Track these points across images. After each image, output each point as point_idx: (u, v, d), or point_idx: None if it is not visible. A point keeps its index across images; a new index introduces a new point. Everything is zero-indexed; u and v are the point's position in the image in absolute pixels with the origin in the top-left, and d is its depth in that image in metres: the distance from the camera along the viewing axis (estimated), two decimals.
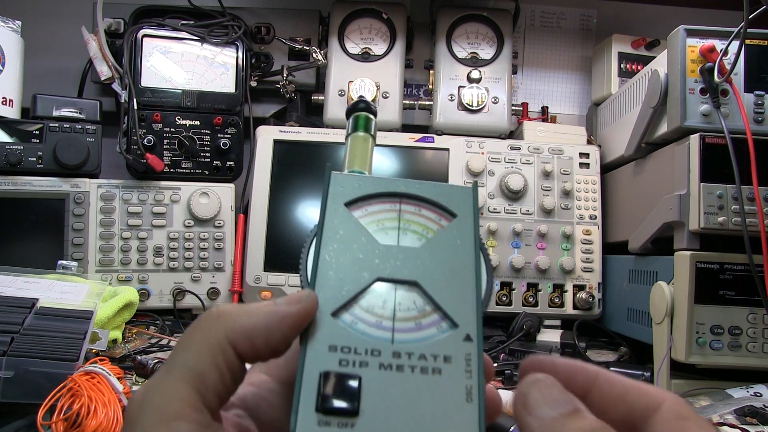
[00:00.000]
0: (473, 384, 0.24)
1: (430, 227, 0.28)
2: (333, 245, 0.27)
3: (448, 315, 0.25)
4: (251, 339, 0.24)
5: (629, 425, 0.23)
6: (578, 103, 1.40)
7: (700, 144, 0.82)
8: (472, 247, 0.28)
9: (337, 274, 0.26)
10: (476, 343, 0.25)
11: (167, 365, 0.23)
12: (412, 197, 0.29)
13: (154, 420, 0.22)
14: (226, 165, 1.12)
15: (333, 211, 0.28)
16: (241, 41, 1.14)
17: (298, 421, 0.22)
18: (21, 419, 0.57)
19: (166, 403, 0.22)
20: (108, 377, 0.59)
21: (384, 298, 0.26)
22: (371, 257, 0.27)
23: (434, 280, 0.26)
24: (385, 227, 0.28)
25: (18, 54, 1.07)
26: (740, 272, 0.80)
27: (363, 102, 0.34)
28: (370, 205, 0.28)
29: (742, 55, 0.83)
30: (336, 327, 0.24)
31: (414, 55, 1.29)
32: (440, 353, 0.24)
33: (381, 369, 0.24)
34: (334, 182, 0.29)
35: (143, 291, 1.03)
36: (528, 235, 1.09)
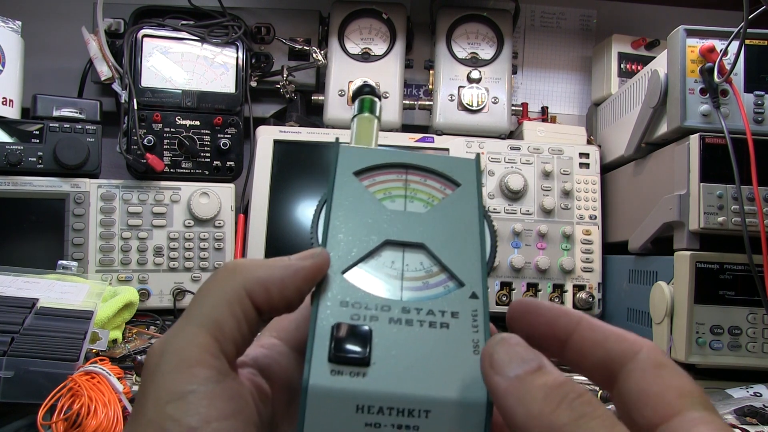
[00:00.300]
0: (480, 338, 0.24)
1: (435, 195, 0.29)
2: (342, 210, 0.28)
3: (455, 275, 0.26)
4: (267, 290, 0.25)
5: (608, 371, 0.23)
6: (578, 103, 1.40)
7: (700, 144, 0.82)
8: (476, 212, 0.29)
9: (346, 236, 0.27)
10: (482, 301, 0.26)
11: (186, 315, 0.24)
12: (418, 168, 0.30)
13: (174, 366, 0.23)
14: (226, 165, 1.12)
15: (342, 180, 0.29)
16: (241, 41, 1.14)
17: (311, 370, 0.22)
18: (21, 419, 0.57)
19: (185, 349, 0.23)
20: (108, 377, 0.59)
21: (392, 258, 0.27)
22: (379, 221, 0.28)
23: (440, 243, 0.27)
24: (392, 195, 0.29)
25: (18, 54, 1.07)
26: (740, 272, 0.80)
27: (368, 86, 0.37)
28: (378, 175, 0.29)
29: (742, 55, 0.84)
30: (347, 284, 0.25)
31: (414, 55, 1.30)
32: (448, 309, 0.25)
33: (391, 323, 0.24)
34: (342, 153, 0.30)
35: (143, 291, 1.03)
36: (528, 235, 1.09)
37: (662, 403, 0.22)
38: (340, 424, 0.22)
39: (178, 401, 0.22)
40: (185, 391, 0.22)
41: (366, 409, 0.22)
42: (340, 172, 0.29)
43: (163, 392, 0.22)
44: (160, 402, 0.22)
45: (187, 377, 0.22)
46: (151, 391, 0.23)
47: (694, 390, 0.22)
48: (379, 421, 0.22)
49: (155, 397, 0.22)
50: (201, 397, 0.22)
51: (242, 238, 1.10)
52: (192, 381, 0.22)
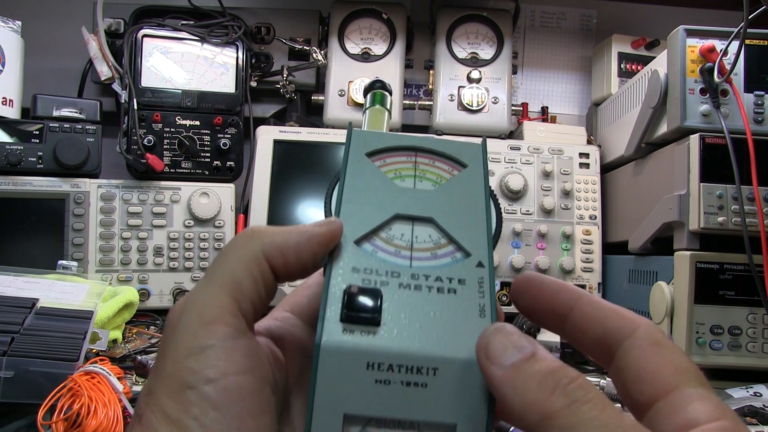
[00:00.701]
0: (486, 303, 0.25)
1: (443, 176, 0.30)
2: (354, 187, 0.29)
3: (462, 246, 0.27)
4: (283, 254, 0.26)
5: (606, 348, 0.24)
6: (578, 103, 1.40)
7: (699, 144, 0.82)
8: (482, 190, 0.30)
9: (358, 210, 0.28)
10: (488, 269, 0.27)
11: (206, 277, 0.25)
12: (427, 150, 0.31)
13: (194, 322, 0.24)
14: (226, 165, 1.12)
15: (354, 160, 0.30)
16: (241, 41, 1.14)
17: (324, 329, 0.23)
18: (21, 419, 0.57)
19: (205, 308, 0.24)
20: (108, 377, 0.59)
21: (402, 231, 0.28)
22: (390, 197, 0.29)
23: (448, 217, 0.28)
24: (402, 175, 0.30)
25: (18, 54, 1.07)
26: (740, 272, 0.80)
27: (379, 81, 0.38)
28: (388, 157, 0.31)
29: (741, 56, 0.84)
30: (358, 252, 0.27)
31: (414, 55, 1.30)
32: (455, 276, 0.26)
33: (400, 288, 0.25)
34: (355, 137, 0.31)
35: (143, 291, 1.03)
36: (528, 235, 1.09)
37: (659, 379, 0.22)
38: (352, 380, 0.23)
39: (197, 355, 0.23)
40: (204, 346, 0.23)
41: (376, 366, 0.23)
42: (353, 153, 0.30)
43: (183, 347, 0.23)
44: (180, 356, 0.23)
45: (207, 333, 0.23)
46: (172, 347, 0.24)
47: (690, 367, 0.22)
48: (389, 378, 0.23)
49: (175, 352, 0.24)
50: (219, 351, 0.23)
51: None
52: (211, 336, 0.23)
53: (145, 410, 0.24)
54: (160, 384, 0.23)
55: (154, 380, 0.24)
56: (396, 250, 0.27)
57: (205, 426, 0.22)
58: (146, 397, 0.24)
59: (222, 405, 0.23)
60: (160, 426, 0.23)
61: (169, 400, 0.23)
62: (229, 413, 0.23)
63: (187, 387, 0.23)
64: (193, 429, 0.22)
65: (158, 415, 0.23)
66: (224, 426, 0.22)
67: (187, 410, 0.22)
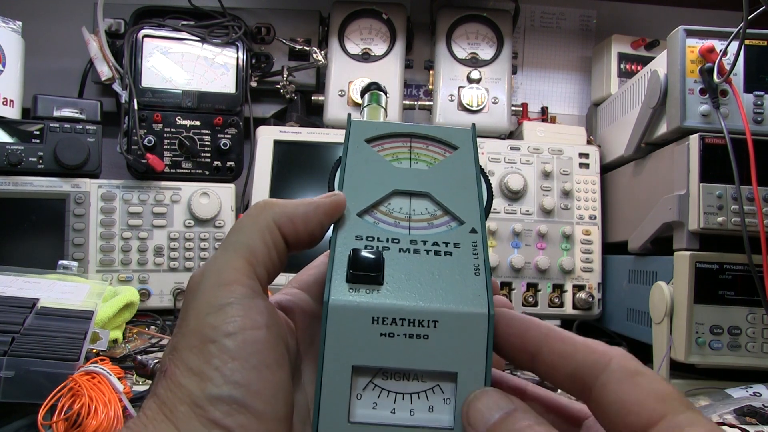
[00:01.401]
0: (480, 263, 0.27)
1: (437, 158, 0.33)
2: (355, 168, 0.31)
3: (456, 215, 0.30)
4: (293, 222, 0.28)
5: (581, 383, 0.24)
6: (578, 103, 1.40)
7: (699, 144, 0.82)
8: (473, 168, 0.32)
9: (359, 186, 0.31)
10: (481, 235, 0.29)
11: (223, 245, 0.28)
12: (421, 136, 0.34)
13: (214, 285, 0.26)
14: (226, 165, 1.12)
15: (354, 146, 0.33)
16: (241, 41, 1.14)
17: (331, 289, 0.25)
18: (21, 419, 0.57)
19: (223, 271, 0.26)
20: (108, 377, 0.60)
21: (400, 205, 0.30)
22: (388, 176, 0.31)
23: (442, 191, 0.31)
24: (398, 158, 0.32)
25: (18, 54, 1.07)
26: (740, 272, 0.80)
27: (375, 83, 0.42)
28: (386, 143, 0.33)
29: (741, 56, 0.84)
30: (361, 223, 0.29)
31: (414, 56, 1.30)
32: (451, 241, 0.28)
33: (400, 252, 0.28)
34: (354, 126, 0.34)
35: (144, 291, 1.03)
36: (528, 235, 1.09)
37: (644, 409, 0.22)
38: (358, 334, 0.25)
39: (217, 312, 0.25)
40: (223, 303, 0.25)
41: (380, 321, 0.25)
42: (353, 139, 0.33)
43: (203, 305, 0.25)
44: (201, 314, 0.25)
45: (225, 292, 0.25)
46: (193, 306, 0.26)
47: (673, 392, 0.22)
48: (393, 331, 0.25)
49: (196, 311, 0.26)
50: (237, 308, 0.25)
51: None
52: (229, 295, 0.25)
53: (169, 365, 0.25)
54: (183, 340, 0.25)
55: (178, 337, 0.26)
56: (395, 222, 0.29)
57: (225, 375, 0.24)
58: (170, 353, 0.26)
59: (241, 356, 0.24)
60: (183, 377, 0.24)
61: (191, 353, 0.25)
62: (247, 364, 0.24)
63: (208, 341, 0.24)
64: (214, 378, 0.24)
65: (181, 368, 0.25)
66: (243, 375, 0.24)
67: (208, 362, 0.24)
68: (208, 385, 0.24)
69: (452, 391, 0.25)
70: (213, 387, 0.24)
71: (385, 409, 0.25)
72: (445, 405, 0.25)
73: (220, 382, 0.24)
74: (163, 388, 0.25)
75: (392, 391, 0.25)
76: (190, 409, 0.24)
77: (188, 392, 0.24)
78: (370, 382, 0.25)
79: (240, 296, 0.25)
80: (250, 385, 0.24)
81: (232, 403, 0.24)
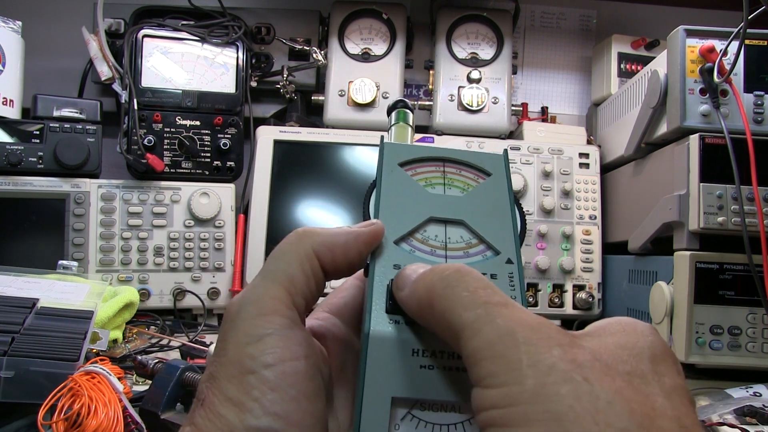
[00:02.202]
0: (517, 294, 0.28)
1: (470, 183, 0.33)
2: (390, 193, 0.31)
3: (492, 245, 0.30)
4: (333, 252, 0.28)
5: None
6: (578, 103, 1.40)
7: (699, 144, 0.82)
8: (507, 195, 0.32)
9: (395, 214, 0.30)
10: (517, 266, 0.29)
11: (262, 272, 0.28)
12: (454, 161, 0.34)
13: (253, 314, 0.26)
14: (226, 165, 1.12)
15: (389, 170, 0.32)
16: (241, 41, 1.14)
17: (372, 320, 0.26)
18: (21, 419, 0.57)
19: (262, 300, 0.26)
20: (108, 377, 0.59)
21: (436, 233, 0.30)
22: (423, 202, 0.31)
23: (477, 220, 0.31)
24: (432, 183, 0.32)
25: (18, 54, 1.07)
26: (740, 272, 0.80)
27: (402, 101, 0.42)
28: (419, 167, 0.33)
29: (741, 56, 0.84)
30: (398, 251, 0.29)
31: (414, 55, 1.30)
32: (487, 271, 0.28)
33: None
34: (387, 149, 0.34)
35: (144, 291, 1.03)
36: (528, 235, 1.09)
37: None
38: (398, 366, 0.25)
39: (256, 342, 0.25)
40: (262, 334, 0.25)
41: (421, 353, 0.25)
42: (387, 163, 0.33)
43: (242, 335, 0.25)
44: (240, 344, 0.25)
45: (264, 323, 0.25)
46: (232, 336, 0.26)
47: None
48: (432, 363, 0.25)
49: (235, 340, 0.26)
50: (276, 339, 0.25)
51: (242, 238, 1.10)
52: (268, 326, 0.25)
53: (207, 394, 0.25)
54: (222, 369, 0.25)
55: (216, 366, 0.26)
56: (432, 250, 0.29)
57: (264, 407, 0.24)
58: (208, 381, 0.26)
59: (280, 387, 0.24)
60: (222, 407, 0.24)
61: (230, 383, 0.25)
62: (287, 395, 0.24)
63: (248, 372, 0.25)
64: (254, 410, 0.24)
65: (220, 398, 0.25)
66: (283, 407, 0.24)
67: (248, 393, 0.24)
68: (247, 416, 0.24)
69: None
70: (252, 418, 0.24)
71: None
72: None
73: (260, 414, 0.24)
74: (201, 417, 0.25)
75: (430, 422, 0.25)
76: None
77: (227, 422, 0.24)
78: (408, 413, 0.25)
79: (279, 327, 0.26)
80: (289, 416, 0.24)
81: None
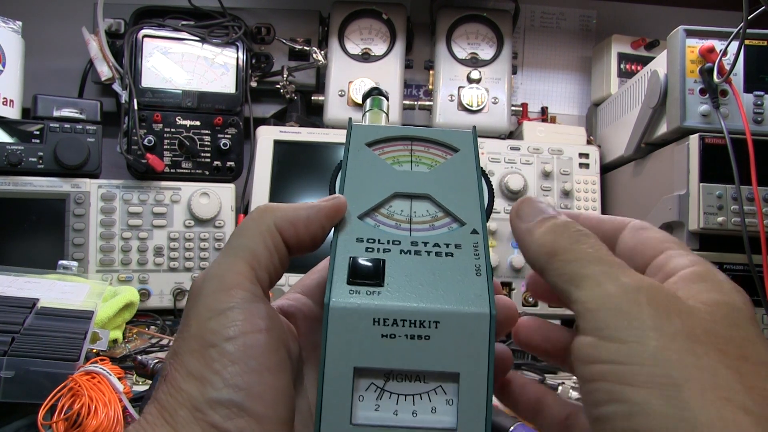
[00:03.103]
0: (481, 263, 0.27)
1: (438, 160, 0.33)
2: (356, 171, 0.31)
3: (457, 217, 0.30)
4: (295, 226, 0.28)
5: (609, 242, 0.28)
6: (578, 103, 1.40)
7: (699, 144, 0.82)
8: (474, 169, 0.32)
9: (360, 189, 0.30)
10: (482, 236, 0.29)
11: (225, 249, 0.28)
12: (422, 139, 0.34)
13: (215, 288, 0.26)
14: (226, 165, 1.12)
15: (355, 150, 0.32)
16: (241, 42, 1.14)
17: (332, 291, 0.25)
18: (22, 419, 0.57)
19: (225, 275, 0.26)
20: (108, 377, 0.60)
21: (401, 207, 0.30)
22: (389, 179, 0.31)
23: (443, 193, 0.31)
24: (399, 161, 0.32)
25: (18, 54, 1.07)
26: (740, 272, 0.80)
27: (377, 89, 0.42)
28: (387, 146, 0.33)
29: (741, 56, 0.84)
30: (362, 225, 0.29)
31: (414, 56, 1.30)
32: (452, 242, 0.28)
33: (401, 253, 0.27)
34: (355, 130, 0.34)
35: (144, 291, 1.03)
36: None
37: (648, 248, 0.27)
38: (359, 336, 0.25)
39: (218, 316, 0.25)
40: (224, 308, 0.25)
41: (381, 322, 0.25)
42: (354, 143, 0.33)
43: (204, 310, 0.25)
44: (203, 318, 0.25)
45: (226, 297, 0.25)
46: (194, 311, 0.26)
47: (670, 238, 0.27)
48: (394, 332, 0.25)
49: (198, 315, 0.26)
50: (238, 312, 0.25)
51: None
52: (230, 300, 0.25)
53: (170, 370, 0.25)
54: (184, 344, 0.25)
55: (179, 342, 0.26)
56: (396, 224, 0.29)
57: (225, 379, 0.24)
58: (171, 358, 0.26)
59: (241, 360, 0.24)
60: (183, 382, 0.24)
61: (192, 358, 0.25)
62: (247, 367, 0.24)
63: (209, 345, 0.25)
64: (215, 382, 0.24)
65: (182, 372, 0.25)
66: (244, 379, 0.24)
67: (209, 366, 0.24)
68: (208, 388, 0.24)
69: (455, 392, 0.25)
70: (213, 391, 0.24)
71: (388, 410, 0.25)
72: (447, 406, 0.25)
73: (221, 386, 0.24)
74: (163, 392, 0.25)
75: (394, 393, 0.25)
76: (190, 413, 0.24)
77: (188, 396, 0.24)
78: (372, 383, 0.25)
79: (241, 300, 0.25)
80: (250, 388, 0.24)
81: (232, 406, 0.24)
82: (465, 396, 0.25)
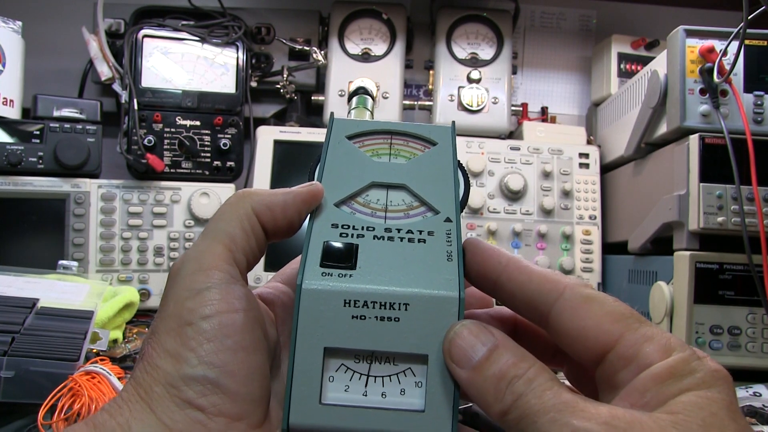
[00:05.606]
0: (453, 249, 0.28)
1: (416, 153, 0.33)
2: (335, 161, 0.32)
3: (432, 206, 0.30)
4: (272, 210, 0.29)
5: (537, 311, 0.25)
6: (578, 103, 1.40)
7: (699, 144, 0.82)
8: (451, 162, 0.33)
9: (338, 178, 0.31)
10: (455, 224, 0.29)
11: (204, 232, 0.28)
12: (401, 133, 0.34)
13: (194, 270, 0.26)
14: (226, 165, 1.12)
15: (335, 142, 0.33)
16: (241, 42, 1.14)
17: (304, 273, 0.26)
18: (21, 419, 0.57)
19: (202, 257, 0.27)
20: (108, 377, 0.60)
21: (378, 197, 0.31)
22: (367, 169, 0.32)
23: (420, 184, 0.31)
24: (378, 153, 0.33)
25: (18, 54, 1.07)
26: (740, 272, 0.80)
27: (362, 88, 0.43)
28: (367, 140, 0.34)
29: (741, 56, 0.84)
30: (338, 212, 0.30)
31: (414, 56, 1.30)
32: (425, 229, 0.29)
33: (375, 239, 0.28)
34: (336, 124, 0.34)
35: (144, 291, 1.03)
36: (528, 235, 1.09)
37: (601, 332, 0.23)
38: (330, 317, 0.25)
39: (195, 296, 0.26)
40: (201, 288, 0.26)
41: (352, 303, 0.25)
42: (334, 136, 0.33)
43: (182, 290, 0.26)
44: (180, 299, 0.26)
45: (204, 277, 0.26)
46: (172, 292, 0.27)
47: (627, 311, 0.23)
48: (364, 313, 0.25)
49: (175, 295, 0.26)
50: (215, 293, 0.26)
51: None
52: (208, 281, 0.26)
53: (147, 348, 0.26)
54: (161, 324, 0.26)
55: (157, 321, 0.26)
56: (372, 212, 0.30)
57: (200, 356, 0.24)
58: (149, 337, 0.26)
59: (216, 338, 0.25)
60: (159, 359, 0.25)
61: (169, 336, 0.25)
62: (222, 345, 0.25)
63: (185, 324, 0.25)
64: (190, 359, 0.24)
65: (158, 350, 0.25)
66: (218, 357, 0.25)
67: (185, 343, 0.25)
68: (183, 365, 0.24)
69: (423, 375, 0.25)
70: (188, 367, 0.24)
71: (357, 391, 0.25)
72: (416, 388, 0.25)
73: (195, 363, 0.24)
74: (140, 370, 0.26)
75: (364, 374, 0.26)
76: (164, 389, 0.24)
77: (164, 373, 0.25)
78: (342, 364, 0.25)
79: (218, 281, 0.26)
80: (225, 366, 0.24)
81: (206, 383, 0.24)
82: (433, 378, 0.25)
